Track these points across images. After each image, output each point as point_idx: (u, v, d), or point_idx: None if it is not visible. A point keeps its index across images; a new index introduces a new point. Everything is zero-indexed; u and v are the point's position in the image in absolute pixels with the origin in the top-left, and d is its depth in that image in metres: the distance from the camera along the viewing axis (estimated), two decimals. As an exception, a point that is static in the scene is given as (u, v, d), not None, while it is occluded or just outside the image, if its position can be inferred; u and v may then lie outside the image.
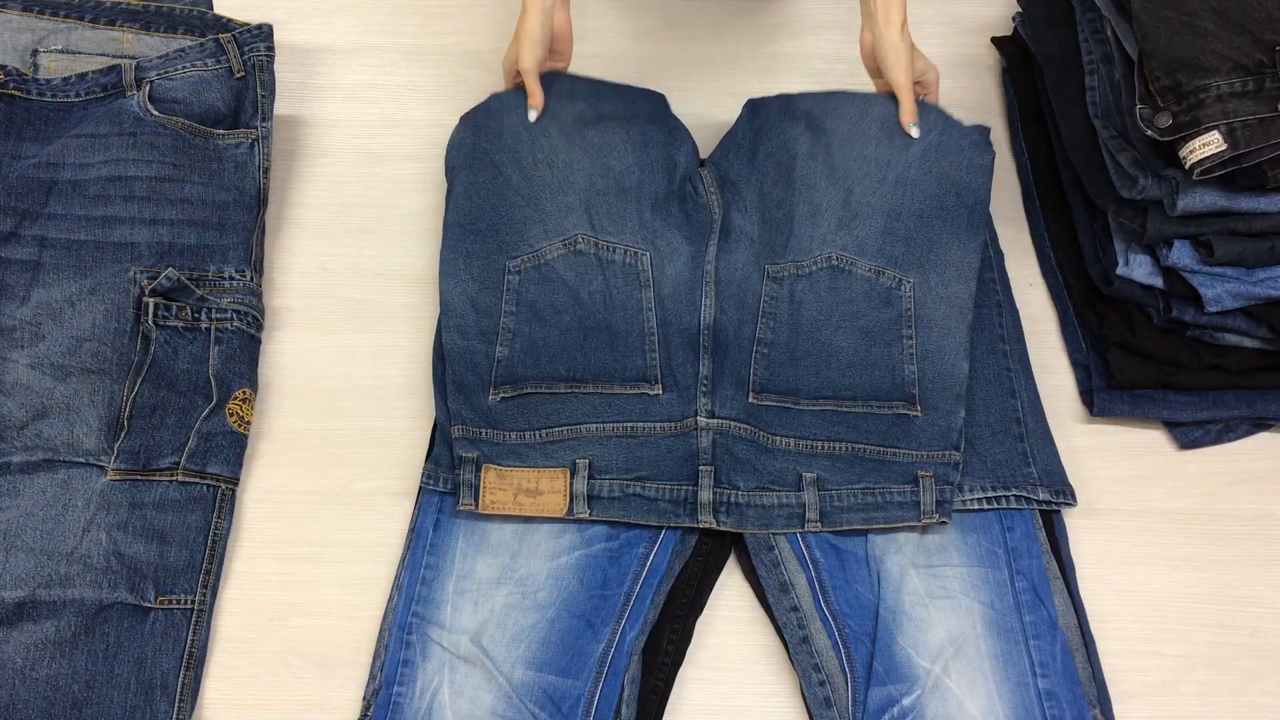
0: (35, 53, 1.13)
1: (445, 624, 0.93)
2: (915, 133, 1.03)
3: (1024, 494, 0.99)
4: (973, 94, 1.25)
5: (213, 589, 0.98)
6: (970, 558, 0.95)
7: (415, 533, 0.97)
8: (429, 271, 1.13)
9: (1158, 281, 1.02)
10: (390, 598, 0.97)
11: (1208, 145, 0.91)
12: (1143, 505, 1.04)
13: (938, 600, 0.94)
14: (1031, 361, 1.09)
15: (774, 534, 0.97)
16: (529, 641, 0.92)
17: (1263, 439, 1.07)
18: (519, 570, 0.95)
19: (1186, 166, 0.92)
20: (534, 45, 1.04)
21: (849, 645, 0.93)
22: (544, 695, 0.90)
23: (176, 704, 0.93)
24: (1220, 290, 0.99)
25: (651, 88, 1.14)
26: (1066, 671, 0.91)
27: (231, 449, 1.02)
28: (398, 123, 1.22)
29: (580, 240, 1.01)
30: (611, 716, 0.91)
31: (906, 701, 0.90)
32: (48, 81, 1.09)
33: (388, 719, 0.91)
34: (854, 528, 0.96)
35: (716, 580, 1.01)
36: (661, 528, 0.97)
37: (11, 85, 1.07)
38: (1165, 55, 0.94)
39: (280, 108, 1.19)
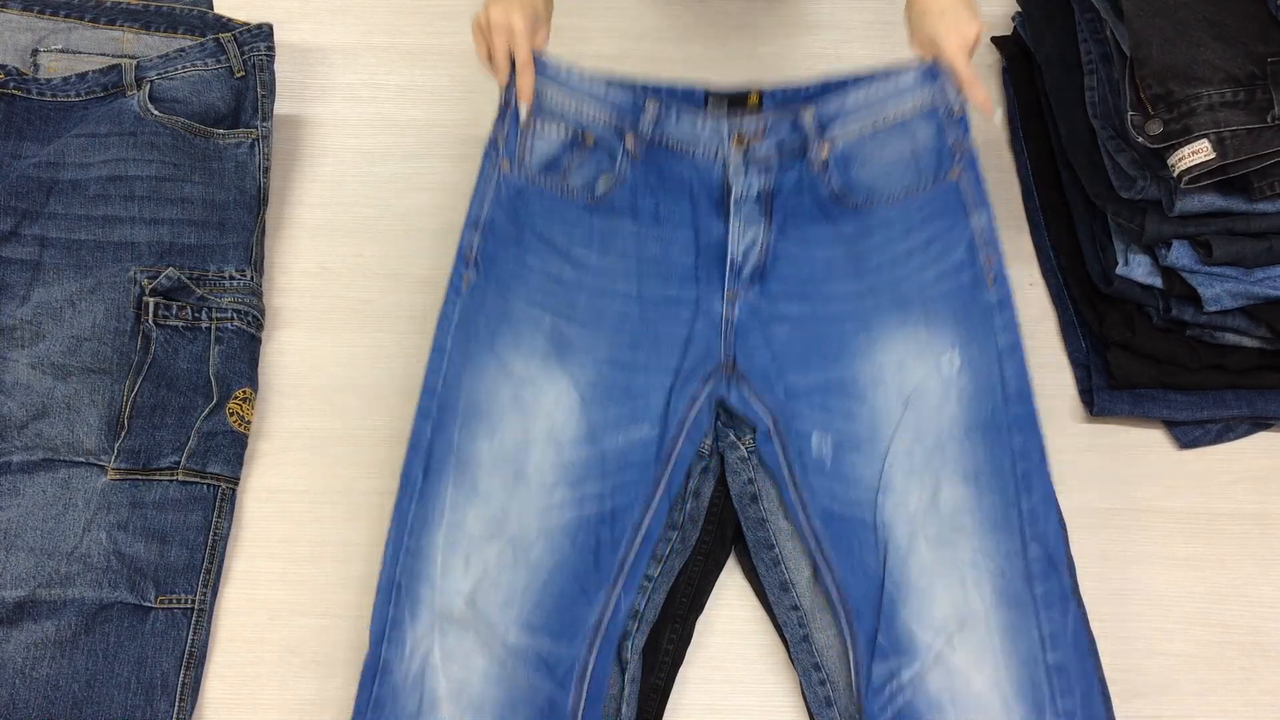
0: (35, 53, 1.13)
1: (435, 582, 0.90)
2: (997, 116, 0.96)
3: None
4: (972, 94, 1.25)
5: (213, 589, 0.98)
6: (984, 523, 0.91)
7: (403, 479, 0.94)
8: (429, 271, 1.13)
9: (1157, 281, 1.02)
10: (384, 554, 0.94)
11: (1197, 153, 0.91)
12: (1143, 505, 1.05)
13: (946, 571, 0.90)
14: (1032, 361, 1.09)
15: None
16: (522, 604, 0.90)
17: (1263, 439, 1.07)
18: (510, 526, 0.92)
19: (1175, 174, 0.93)
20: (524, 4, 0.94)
21: (851, 617, 0.90)
22: (538, 660, 0.88)
23: (176, 704, 0.93)
24: (1219, 290, 0.99)
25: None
26: (1078, 643, 0.88)
27: (232, 449, 1.02)
28: (398, 123, 1.22)
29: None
30: (605, 685, 0.90)
31: (909, 675, 0.88)
32: (48, 81, 1.09)
33: (376, 682, 0.88)
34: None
35: (716, 580, 1.01)
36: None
37: (12, 85, 1.07)
38: (1157, 63, 0.94)
39: (280, 108, 1.19)
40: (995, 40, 1.27)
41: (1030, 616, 0.89)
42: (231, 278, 1.07)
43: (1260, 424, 1.07)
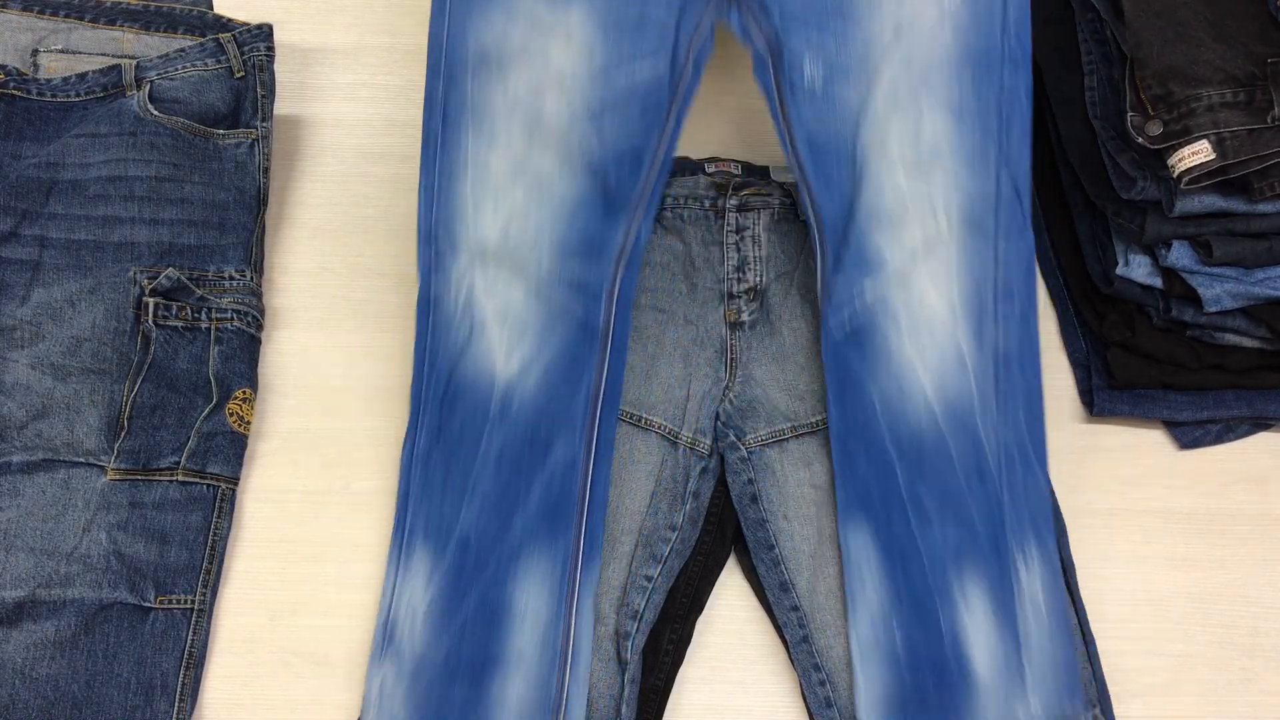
0: (35, 53, 1.13)
1: (469, 224, 0.96)
2: None
3: None
4: (972, 94, 1.25)
5: (213, 589, 0.98)
6: (961, 155, 0.94)
7: (424, 135, 0.97)
8: (429, 271, 1.14)
9: (1157, 282, 1.02)
10: (418, 203, 0.98)
11: (1197, 154, 0.92)
12: (1143, 505, 1.05)
13: (919, 198, 0.94)
14: (1031, 361, 1.10)
15: None
16: (551, 237, 0.95)
17: (1263, 439, 1.08)
18: (531, 168, 0.95)
19: (1175, 175, 0.93)
20: None
21: (824, 236, 0.94)
22: (570, 283, 0.95)
23: (176, 704, 0.93)
24: (1219, 290, 0.99)
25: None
26: (1027, 268, 0.95)
27: (231, 449, 1.02)
28: (398, 123, 1.22)
29: None
30: (631, 300, 0.97)
31: (871, 289, 0.94)
32: (48, 81, 1.09)
33: (430, 315, 0.96)
34: None
35: (716, 580, 1.01)
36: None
37: (11, 85, 1.07)
38: (1157, 64, 0.94)
39: (280, 108, 1.19)
40: (995, 40, 1.27)
41: (990, 242, 0.94)
42: (231, 278, 1.07)
43: (1260, 424, 1.07)
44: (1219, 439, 1.07)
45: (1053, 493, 1.01)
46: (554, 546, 0.93)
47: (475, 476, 0.94)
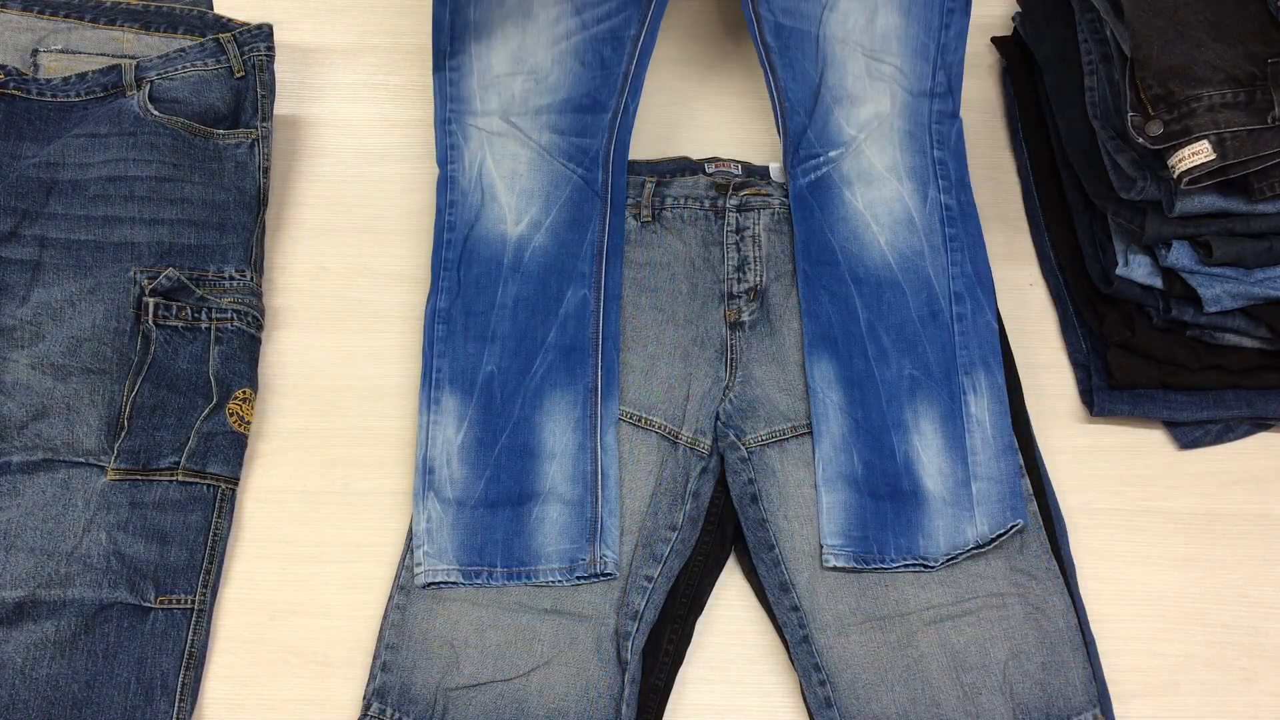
0: (35, 53, 1.13)
1: (477, 112, 1.10)
2: None
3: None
4: (973, 94, 1.25)
5: (213, 589, 0.98)
6: (907, 48, 1.11)
7: (435, 52, 1.10)
8: (428, 271, 1.13)
9: (1157, 282, 1.02)
10: (435, 98, 1.11)
11: (1197, 154, 0.92)
12: (1143, 505, 1.05)
13: (873, 82, 1.10)
14: (1031, 361, 1.10)
15: None
16: (548, 116, 1.10)
17: (1263, 439, 1.08)
18: (528, 61, 1.10)
19: (1175, 175, 0.93)
20: None
21: (787, 115, 1.08)
22: (570, 151, 1.09)
23: (176, 704, 0.93)
24: (1219, 290, 0.99)
25: (647, 87, 1.14)
26: (957, 150, 1.11)
27: (231, 449, 1.02)
28: (398, 123, 1.22)
29: None
30: (625, 166, 1.09)
31: (829, 157, 1.08)
32: (48, 81, 1.09)
33: (447, 191, 1.09)
34: None
35: (716, 580, 1.01)
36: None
37: (11, 85, 1.07)
38: (1157, 64, 0.94)
39: (280, 108, 1.19)
40: (995, 40, 1.27)
41: (925, 124, 1.11)
42: (231, 278, 1.07)
43: (1260, 424, 1.07)
44: (1219, 439, 1.07)
45: (1004, 332, 1.08)
46: (574, 384, 1.02)
47: (494, 323, 1.04)
